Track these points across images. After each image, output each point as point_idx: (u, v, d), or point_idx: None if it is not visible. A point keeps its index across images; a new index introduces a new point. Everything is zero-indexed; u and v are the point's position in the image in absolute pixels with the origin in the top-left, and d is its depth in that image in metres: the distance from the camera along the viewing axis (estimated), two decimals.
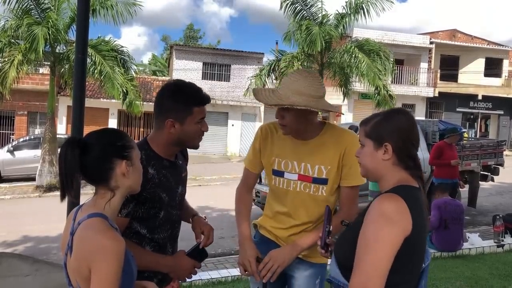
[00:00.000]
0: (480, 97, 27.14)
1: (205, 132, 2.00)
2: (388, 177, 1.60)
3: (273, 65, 16.30)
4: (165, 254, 1.99)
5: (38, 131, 21.43)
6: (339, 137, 2.17)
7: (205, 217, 2.18)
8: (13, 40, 13.97)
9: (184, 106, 1.88)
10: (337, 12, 15.53)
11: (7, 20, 13.71)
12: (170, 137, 1.91)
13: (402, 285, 1.52)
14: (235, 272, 5.16)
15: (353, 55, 15.09)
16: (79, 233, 1.43)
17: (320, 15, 15.56)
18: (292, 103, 2.01)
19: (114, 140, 1.54)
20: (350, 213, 2.12)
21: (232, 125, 24.73)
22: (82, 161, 1.48)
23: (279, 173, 2.23)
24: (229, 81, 24.85)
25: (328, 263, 2.10)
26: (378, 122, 1.63)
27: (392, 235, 1.43)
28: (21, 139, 16.63)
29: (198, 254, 2.02)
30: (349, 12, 15.15)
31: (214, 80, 24.73)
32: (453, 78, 27.70)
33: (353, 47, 15.20)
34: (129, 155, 1.53)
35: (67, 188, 1.46)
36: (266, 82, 16.19)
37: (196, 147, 1.99)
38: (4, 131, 22.04)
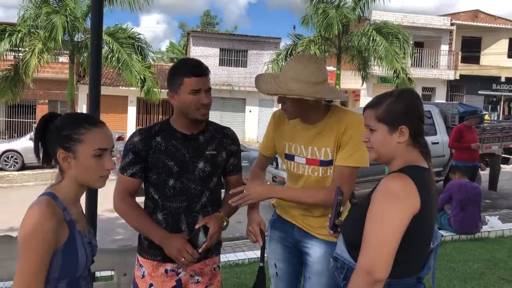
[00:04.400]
0: (503, 79, 26.51)
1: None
2: (398, 158, 1.58)
3: (290, 49, 16.20)
4: (179, 225, 2.03)
5: None
6: (341, 117, 2.15)
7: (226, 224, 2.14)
8: (32, 30, 14.19)
9: (175, 77, 2.01)
10: None
11: (27, 10, 13.92)
12: (176, 109, 2.07)
13: (409, 264, 1.52)
14: (252, 255, 5.22)
15: (371, 38, 14.89)
16: None
17: None
18: (287, 91, 2.02)
19: (62, 128, 1.54)
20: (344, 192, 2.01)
21: (250, 111, 24.70)
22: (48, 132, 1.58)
23: (290, 157, 2.28)
24: (246, 67, 24.77)
25: None
26: (390, 104, 1.57)
27: (400, 213, 1.43)
28: None
29: (195, 238, 1.95)
30: None
31: (231, 66, 24.68)
32: (475, 60, 27.08)
33: (371, 30, 15.01)
34: (70, 147, 1.52)
35: (36, 154, 1.60)
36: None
37: (196, 118, 2.02)
38: (26, 120, 22.48)
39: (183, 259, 1.91)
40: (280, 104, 2.17)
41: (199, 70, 2.02)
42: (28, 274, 1.38)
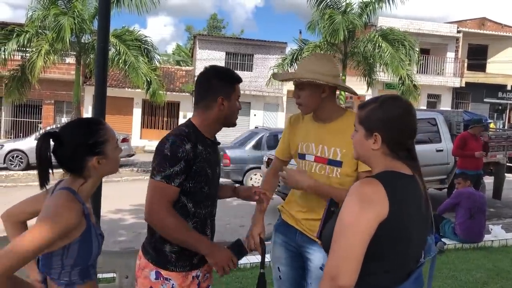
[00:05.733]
0: (509, 88, 26.36)
1: None
2: (377, 165, 1.56)
3: (295, 54, 16.20)
4: (205, 229, 2.08)
5: (64, 119, 21.90)
6: None
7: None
8: (40, 31, 14.27)
9: (229, 83, 2.07)
10: (361, 1, 15.32)
11: (35, 11, 14.01)
12: (219, 115, 2.05)
13: (383, 274, 1.47)
14: (254, 259, 5.21)
15: (377, 45, 14.89)
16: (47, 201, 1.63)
17: (343, 3, 15.37)
18: (301, 76, 2.17)
19: (86, 139, 1.64)
20: None
21: (255, 115, 24.72)
22: (58, 152, 1.63)
23: (302, 156, 2.35)
24: (251, 71, 24.81)
25: None
26: (371, 109, 1.57)
27: (363, 218, 1.39)
28: (48, 128, 17.02)
29: (238, 250, 2.07)
30: (373, 0, 14.92)
31: (237, 69, 24.68)
32: (481, 68, 26.99)
33: (376, 36, 15.01)
34: (101, 150, 1.66)
35: (44, 178, 1.61)
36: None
37: (235, 124, 2.15)
38: (32, 120, 22.60)
39: (227, 268, 1.98)
40: (295, 101, 2.29)
41: (239, 76, 2.15)
42: (31, 246, 1.44)
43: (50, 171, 1.62)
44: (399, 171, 1.52)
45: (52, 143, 1.64)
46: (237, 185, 2.42)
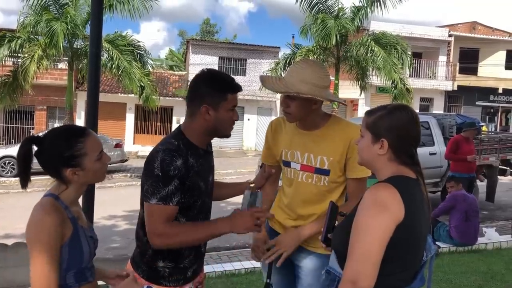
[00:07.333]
0: (500, 91, 26.59)
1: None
2: (384, 171, 1.62)
3: (288, 59, 16.24)
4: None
5: (57, 125, 21.76)
6: (344, 129, 2.18)
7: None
8: (32, 36, 14.21)
9: (219, 92, 1.89)
10: (353, 5, 15.41)
11: (26, 16, 13.94)
12: (204, 125, 1.91)
13: (396, 275, 1.52)
14: (249, 264, 5.20)
15: (369, 49, 14.96)
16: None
17: (336, 8, 15.45)
18: (298, 91, 2.05)
19: (61, 151, 1.63)
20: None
21: (248, 119, 24.73)
22: (38, 157, 1.66)
23: (287, 164, 2.30)
24: (245, 76, 24.82)
25: None
26: (379, 116, 1.63)
27: (382, 222, 1.44)
28: (41, 134, 16.89)
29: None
30: (365, 5, 15.00)
31: (230, 74, 24.42)
32: (473, 71, 27.19)
33: (369, 41, 15.08)
34: (76, 163, 1.64)
35: (23, 178, 1.66)
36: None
37: (228, 135, 1.99)
38: (24, 126, 22.44)
39: (258, 222, 1.87)
40: (282, 107, 2.19)
41: (239, 85, 1.97)
42: (44, 264, 1.49)
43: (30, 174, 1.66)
44: (406, 176, 1.58)
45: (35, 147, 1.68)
46: (252, 184, 2.29)
